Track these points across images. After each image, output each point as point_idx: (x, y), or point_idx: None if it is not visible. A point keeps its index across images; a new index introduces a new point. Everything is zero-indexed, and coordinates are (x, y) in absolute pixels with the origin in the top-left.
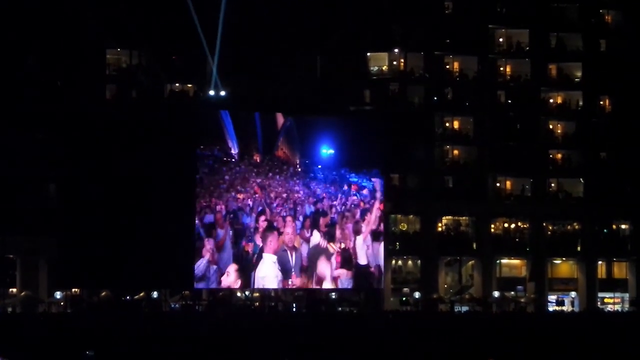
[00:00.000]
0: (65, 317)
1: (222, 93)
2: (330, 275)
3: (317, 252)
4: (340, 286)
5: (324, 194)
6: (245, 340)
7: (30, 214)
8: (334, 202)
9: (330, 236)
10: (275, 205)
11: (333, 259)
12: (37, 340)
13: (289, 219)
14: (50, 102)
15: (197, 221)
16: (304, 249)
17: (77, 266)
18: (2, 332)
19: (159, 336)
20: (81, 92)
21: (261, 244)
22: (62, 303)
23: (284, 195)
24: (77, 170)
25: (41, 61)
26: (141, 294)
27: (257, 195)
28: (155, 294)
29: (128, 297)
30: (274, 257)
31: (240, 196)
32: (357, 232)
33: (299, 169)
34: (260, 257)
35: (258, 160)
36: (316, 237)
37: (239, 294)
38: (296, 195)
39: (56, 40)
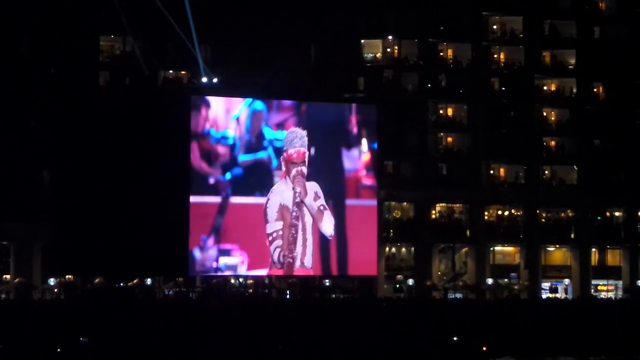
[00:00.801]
0: (59, 304)
1: (215, 80)
2: None
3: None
4: None
5: None
6: (238, 328)
7: (24, 201)
8: None
9: None
10: None
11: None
12: (31, 327)
13: None
14: (43, 89)
15: None
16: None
17: (71, 253)
18: None
19: (153, 323)
20: (75, 79)
21: None
22: (55, 290)
23: None
24: (70, 158)
25: (34, 48)
26: (135, 281)
27: None
28: (149, 281)
29: (122, 284)
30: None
31: None
32: None
33: None
34: None
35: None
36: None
37: (232, 281)
38: None
39: (50, 27)
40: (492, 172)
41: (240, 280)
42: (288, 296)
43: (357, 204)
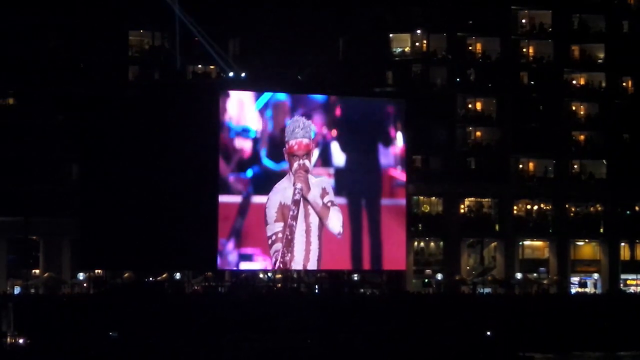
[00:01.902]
0: (89, 299)
1: (243, 75)
2: None
3: None
4: None
5: None
6: (268, 322)
7: (53, 196)
8: None
9: None
10: None
11: None
12: (60, 321)
13: None
14: (72, 83)
15: None
16: None
17: (100, 248)
18: (26, 314)
19: (182, 317)
20: (104, 73)
21: None
22: (85, 284)
23: None
24: (99, 152)
25: (64, 43)
26: (164, 276)
27: None
28: (178, 276)
29: (151, 279)
30: None
31: None
32: None
33: None
34: None
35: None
36: None
37: (261, 276)
38: None
39: (79, 22)
40: (521, 166)
41: (269, 274)
42: (317, 291)
43: (391, 202)
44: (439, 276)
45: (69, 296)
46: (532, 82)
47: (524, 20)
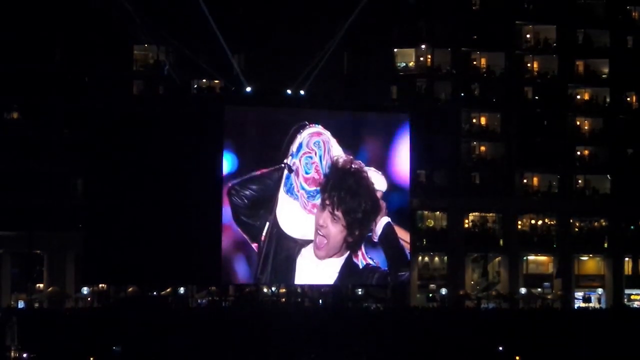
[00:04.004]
0: (93, 313)
1: (248, 89)
2: None
3: None
4: None
5: None
6: (272, 336)
7: (58, 210)
8: None
9: None
10: None
11: None
12: (64, 336)
13: None
14: (77, 97)
15: None
16: None
17: (105, 262)
18: (29, 328)
19: (186, 332)
20: (108, 87)
21: None
22: (89, 299)
23: None
24: (103, 166)
25: (68, 57)
26: (168, 290)
27: None
28: (182, 290)
29: (155, 293)
30: None
31: None
32: None
33: None
34: None
35: None
36: None
37: (265, 290)
38: None
39: (83, 35)
40: (525, 181)
41: (273, 289)
42: (321, 305)
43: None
44: (443, 291)
45: (73, 310)
46: (537, 97)
47: (528, 35)
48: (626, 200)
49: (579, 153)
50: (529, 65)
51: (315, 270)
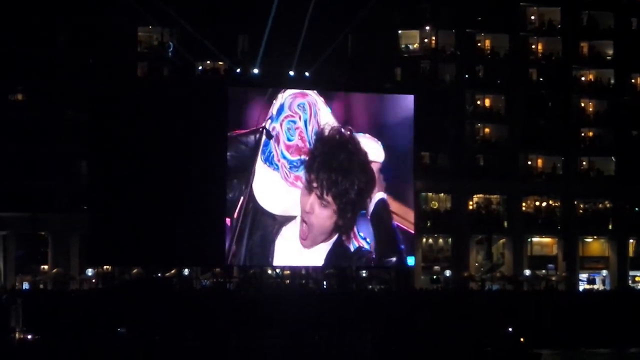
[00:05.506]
0: (97, 294)
1: (256, 71)
2: None
3: None
4: None
5: None
6: (275, 318)
7: (62, 192)
8: None
9: None
10: None
11: None
12: (69, 317)
13: None
14: (81, 79)
15: None
16: None
17: (109, 244)
18: (34, 309)
19: (190, 313)
20: (112, 69)
21: None
22: (93, 280)
23: None
24: (108, 148)
25: (73, 39)
26: (172, 272)
27: None
28: (186, 272)
29: (159, 274)
30: None
31: None
32: None
33: None
34: None
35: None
36: None
37: (269, 272)
38: None
39: (88, 18)
40: (529, 163)
41: (277, 271)
42: (325, 287)
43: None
44: (448, 273)
45: (77, 292)
46: (541, 79)
47: (532, 17)
48: (630, 181)
49: (583, 135)
50: (533, 46)
51: (299, 254)
